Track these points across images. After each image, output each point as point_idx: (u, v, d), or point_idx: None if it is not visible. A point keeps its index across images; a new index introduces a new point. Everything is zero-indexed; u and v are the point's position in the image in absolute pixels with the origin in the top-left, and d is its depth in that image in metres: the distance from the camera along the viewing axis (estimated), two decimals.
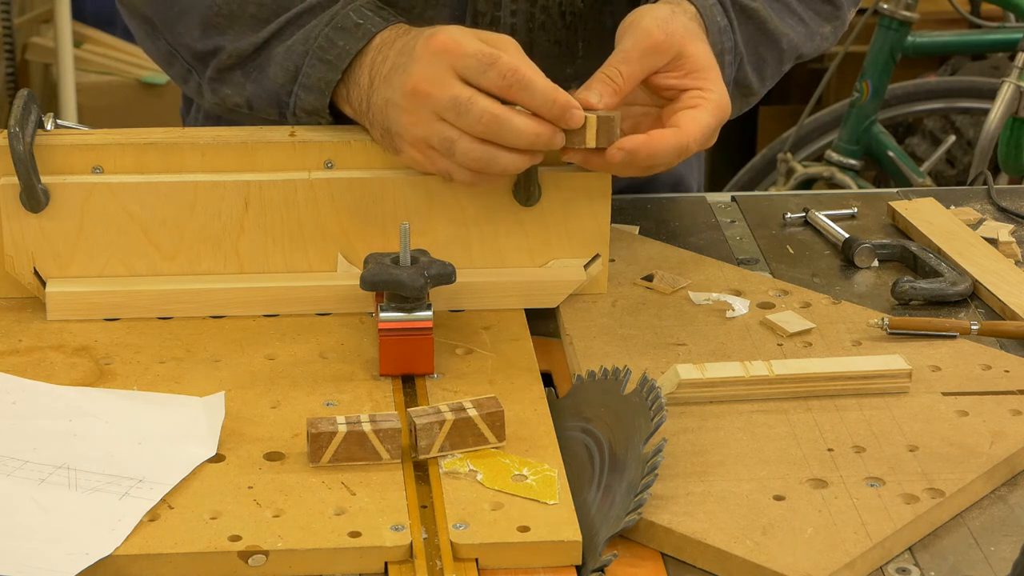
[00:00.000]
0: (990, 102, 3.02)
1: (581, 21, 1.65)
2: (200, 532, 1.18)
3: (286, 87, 1.51)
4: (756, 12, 1.56)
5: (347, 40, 1.48)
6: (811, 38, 1.63)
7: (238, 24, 1.53)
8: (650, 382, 1.27)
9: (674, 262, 1.59)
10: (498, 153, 1.39)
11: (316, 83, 1.49)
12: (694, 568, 1.19)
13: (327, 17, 1.50)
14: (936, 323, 1.47)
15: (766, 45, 1.58)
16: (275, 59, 1.52)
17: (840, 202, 1.76)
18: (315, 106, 1.50)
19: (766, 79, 1.61)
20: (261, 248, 1.49)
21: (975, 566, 1.19)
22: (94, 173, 1.47)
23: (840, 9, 1.65)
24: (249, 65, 1.54)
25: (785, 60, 1.61)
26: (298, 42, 1.50)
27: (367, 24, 1.48)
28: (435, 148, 1.41)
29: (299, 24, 1.51)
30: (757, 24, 1.56)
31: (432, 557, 1.18)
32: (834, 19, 1.65)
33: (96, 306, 1.47)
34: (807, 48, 1.63)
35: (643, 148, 1.39)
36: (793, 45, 1.60)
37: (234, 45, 1.54)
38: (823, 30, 1.64)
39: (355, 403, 1.35)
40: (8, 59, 4.10)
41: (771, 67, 1.60)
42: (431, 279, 1.39)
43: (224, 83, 1.56)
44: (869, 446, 1.30)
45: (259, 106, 1.55)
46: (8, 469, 1.25)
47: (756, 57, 1.57)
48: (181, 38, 1.56)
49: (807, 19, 1.62)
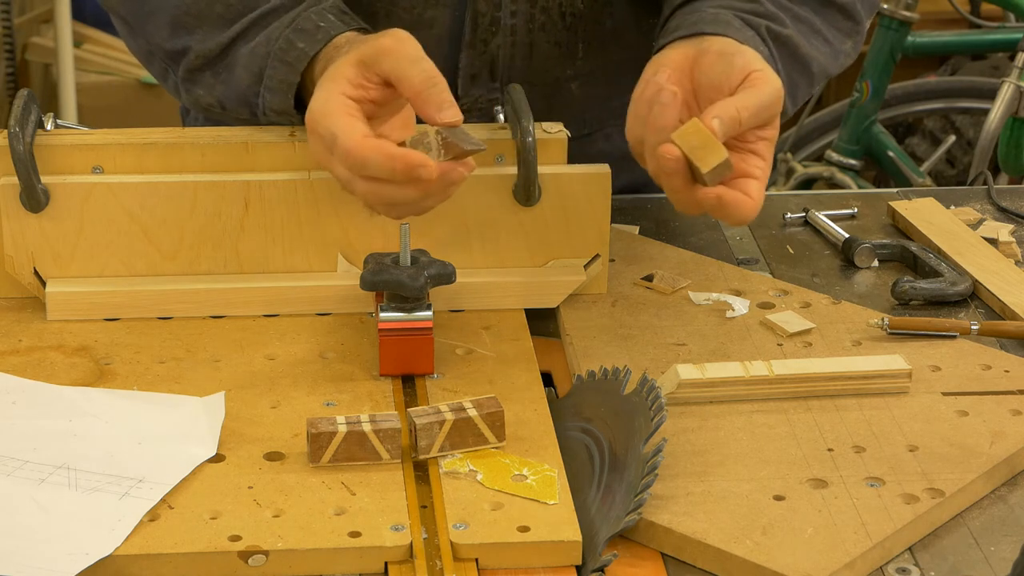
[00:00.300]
0: (990, 102, 3.02)
1: (581, 22, 1.65)
2: (200, 532, 1.18)
3: (252, 88, 1.51)
4: (790, 39, 1.53)
5: (306, 42, 1.47)
6: (836, 57, 1.61)
7: (205, 24, 1.53)
8: (650, 382, 1.27)
9: (674, 262, 1.59)
10: (386, 189, 1.35)
11: (278, 85, 1.49)
12: (694, 568, 1.19)
13: (289, 19, 1.49)
14: (936, 323, 1.47)
15: (798, 70, 1.56)
16: (240, 60, 1.52)
17: (840, 202, 1.76)
18: (281, 107, 1.50)
19: (797, 104, 1.59)
20: (261, 248, 1.49)
21: (975, 566, 1.19)
22: (94, 173, 1.47)
23: (860, 24, 1.62)
24: (218, 66, 1.54)
25: (815, 83, 1.60)
26: (260, 44, 1.50)
27: (327, 27, 1.48)
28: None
29: (262, 25, 1.51)
30: (791, 51, 1.54)
31: (432, 557, 1.18)
32: (855, 34, 1.62)
33: (96, 306, 1.47)
34: (833, 68, 1.61)
35: (732, 204, 1.36)
36: (822, 67, 1.58)
37: (201, 46, 1.54)
38: (845, 47, 1.62)
39: (355, 403, 1.35)
40: (8, 59, 4.10)
41: (803, 91, 1.58)
42: (431, 279, 1.39)
43: (195, 83, 1.56)
44: (869, 446, 1.30)
45: (230, 106, 1.55)
46: (8, 469, 1.25)
47: (790, 82, 1.54)
48: (152, 37, 1.57)
49: (831, 38, 1.60)
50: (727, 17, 1.48)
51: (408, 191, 1.34)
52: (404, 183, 1.33)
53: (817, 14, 1.58)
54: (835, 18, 1.61)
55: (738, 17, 1.49)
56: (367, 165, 1.33)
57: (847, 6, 1.60)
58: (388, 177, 1.33)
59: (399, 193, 1.35)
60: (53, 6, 3.90)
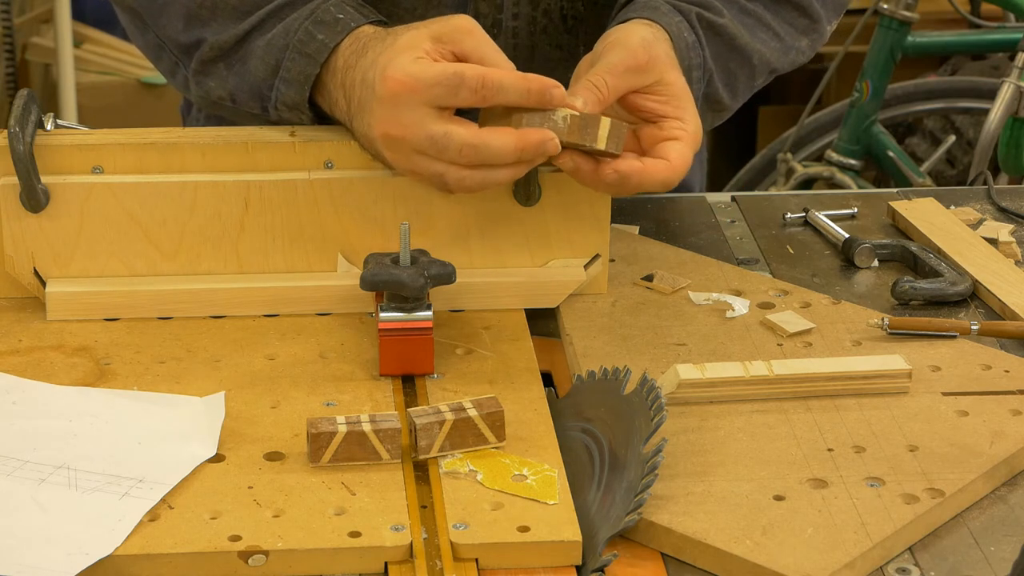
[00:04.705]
0: (990, 102, 3.02)
1: (582, 25, 1.65)
2: (200, 532, 1.18)
3: (267, 81, 1.51)
4: (724, 28, 1.55)
5: (326, 34, 1.48)
6: (786, 52, 1.62)
7: (220, 16, 1.53)
8: (650, 382, 1.27)
9: (674, 262, 1.59)
10: (490, 173, 1.39)
11: (296, 76, 1.49)
12: (694, 568, 1.19)
13: (307, 11, 1.50)
14: (936, 323, 1.47)
15: (736, 61, 1.58)
16: (256, 53, 1.52)
17: (840, 202, 1.76)
18: (295, 100, 1.50)
19: (738, 94, 1.60)
20: (261, 248, 1.49)
21: (975, 566, 1.19)
22: (94, 173, 1.47)
23: (818, 23, 1.63)
24: (232, 58, 1.54)
25: (757, 75, 1.61)
26: (278, 36, 1.50)
27: (347, 19, 1.48)
28: (429, 180, 1.41)
29: (280, 17, 1.51)
30: (726, 40, 1.56)
31: (432, 557, 1.18)
32: (811, 32, 1.64)
33: (96, 306, 1.47)
34: (782, 63, 1.62)
35: (636, 175, 1.40)
36: (765, 60, 1.60)
37: (216, 38, 1.54)
38: (799, 44, 1.63)
39: (355, 403, 1.35)
40: (8, 59, 4.10)
41: (743, 82, 1.60)
42: (431, 279, 1.39)
43: (208, 76, 1.56)
44: (869, 446, 1.30)
45: (241, 100, 1.55)
46: (8, 469, 1.25)
47: (726, 73, 1.57)
48: (165, 30, 1.57)
49: (782, 33, 1.61)
50: (656, 3, 1.51)
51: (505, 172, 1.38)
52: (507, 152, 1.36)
53: (768, 9, 1.60)
54: (789, 14, 1.62)
55: (668, 3, 1.52)
56: (503, 88, 1.36)
57: (803, 3, 1.62)
58: (522, 101, 1.36)
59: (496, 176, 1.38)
60: (53, 6, 3.90)
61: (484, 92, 1.36)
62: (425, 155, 1.39)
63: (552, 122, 1.37)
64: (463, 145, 1.36)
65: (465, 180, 1.39)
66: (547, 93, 1.37)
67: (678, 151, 1.42)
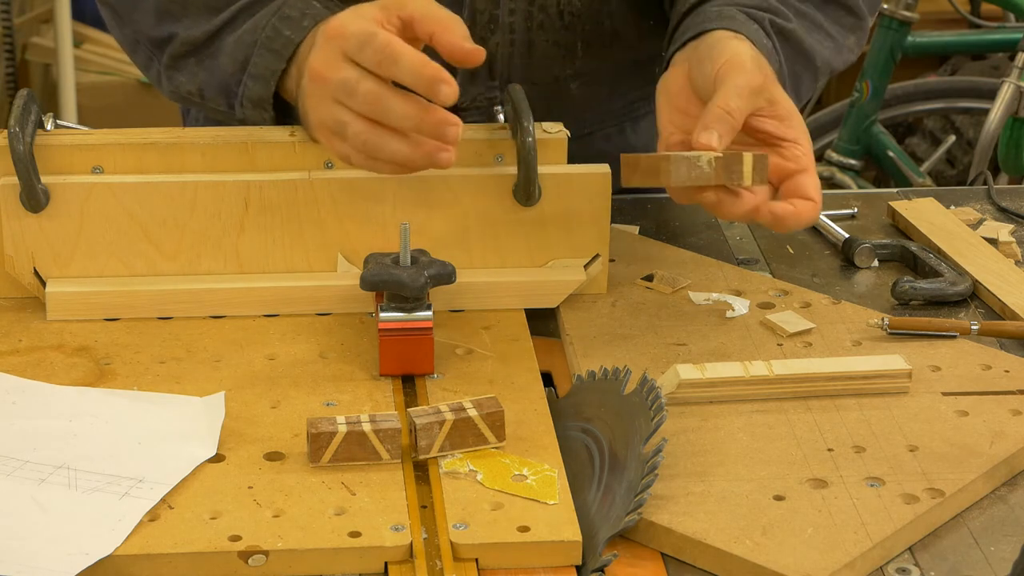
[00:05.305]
0: (990, 102, 3.03)
1: (579, 21, 1.65)
2: (200, 532, 1.18)
3: (235, 76, 1.52)
4: (793, 32, 1.54)
5: (292, 30, 1.48)
6: (839, 52, 1.61)
7: (192, 11, 1.54)
8: (650, 382, 1.27)
9: (674, 262, 1.59)
10: (386, 137, 1.37)
11: (262, 72, 1.49)
12: (694, 568, 1.19)
13: (274, 7, 1.50)
14: (936, 323, 1.47)
15: (802, 64, 1.56)
16: (225, 49, 1.53)
17: (840, 202, 1.76)
18: (260, 95, 1.50)
19: (802, 98, 1.59)
20: (261, 248, 1.49)
21: (975, 566, 1.19)
22: (94, 173, 1.47)
23: (863, 20, 1.63)
24: (202, 53, 1.55)
25: (819, 77, 1.60)
26: (247, 32, 1.51)
27: (313, 14, 1.48)
28: (332, 131, 1.40)
29: (249, 13, 1.52)
30: (793, 44, 1.54)
31: (432, 557, 1.18)
32: (857, 30, 1.63)
33: (96, 306, 1.47)
34: (837, 62, 1.61)
35: (791, 218, 1.38)
36: (826, 61, 1.59)
37: (187, 33, 1.55)
38: (848, 42, 1.63)
39: (355, 403, 1.35)
40: (8, 59, 4.10)
41: (807, 85, 1.59)
42: (431, 279, 1.39)
43: (178, 71, 1.57)
44: (869, 446, 1.30)
45: (210, 95, 1.55)
46: (8, 469, 1.25)
47: (794, 77, 1.55)
48: (138, 24, 1.58)
49: (834, 33, 1.60)
50: (731, 12, 1.49)
51: (399, 144, 1.36)
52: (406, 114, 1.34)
53: (819, 10, 1.59)
54: (838, 14, 1.61)
55: (742, 12, 1.50)
56: (398, 60, 1.33)
57: (849, 2, 1.61)
58: (412, 81, 1.33)
59: (390, 143, 1.36)
60: (53, 6, 3.91)
61: (381, 57, 1.35)
62: (337, 102, 1.38)
63: (699, 169, 1.34)
64: (368, 92, 1.35)
65: (361, 136, 1.37)
66: (434, 86, 1.33)
67: (815, 186, 1.40)
